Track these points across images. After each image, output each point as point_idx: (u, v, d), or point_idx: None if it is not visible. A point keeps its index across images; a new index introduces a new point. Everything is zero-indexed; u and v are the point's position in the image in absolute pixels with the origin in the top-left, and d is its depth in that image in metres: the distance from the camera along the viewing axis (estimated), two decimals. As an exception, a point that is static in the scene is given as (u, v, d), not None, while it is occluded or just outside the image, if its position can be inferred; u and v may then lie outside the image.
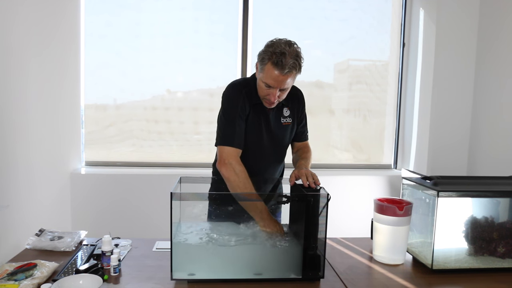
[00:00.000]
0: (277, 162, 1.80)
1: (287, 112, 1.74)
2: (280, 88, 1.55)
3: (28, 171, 2.08)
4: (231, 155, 1.59)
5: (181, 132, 3.03)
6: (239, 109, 1.62)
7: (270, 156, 1.75)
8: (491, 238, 1.55)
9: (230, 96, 1.66)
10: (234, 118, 1.62)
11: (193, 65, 2.99)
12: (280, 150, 1.79)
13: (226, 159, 1.59)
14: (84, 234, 1.76)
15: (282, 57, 1.48)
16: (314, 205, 1.37)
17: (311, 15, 3.08)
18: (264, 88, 1.57)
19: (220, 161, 1.61)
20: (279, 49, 1.49)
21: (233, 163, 1.58)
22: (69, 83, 2.69)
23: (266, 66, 1.53)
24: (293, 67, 1.51)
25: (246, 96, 1.64)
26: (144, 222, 2.78)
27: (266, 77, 1.54)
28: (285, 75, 1.51)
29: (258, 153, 1.71)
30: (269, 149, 1.73)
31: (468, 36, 2.93)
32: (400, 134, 3.26)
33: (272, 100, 1.59)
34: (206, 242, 1.46)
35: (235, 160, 1.59)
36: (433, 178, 1.56)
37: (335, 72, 3.20)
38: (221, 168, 1.60)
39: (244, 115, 1.64)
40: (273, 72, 1.51)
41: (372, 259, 1.62)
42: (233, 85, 1.70)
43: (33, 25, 2.14)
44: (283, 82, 1.53)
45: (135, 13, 2.92)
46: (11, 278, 1.32)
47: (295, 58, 1.50)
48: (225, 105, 1.67)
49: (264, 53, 1.54)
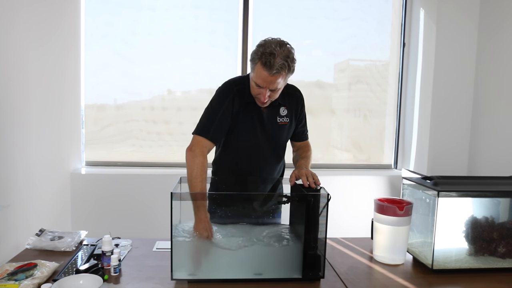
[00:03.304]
0: (274, 161, 1.79)
1: (284, 111, 1.73)
2: (269, 88, 1.55)
3: (28, 171, 2.08)
4: (200, 145, 1.61)
5: (181, 132, 3.03)
6: (225, 106, 1.64)
7: (266, 155, 1.75)
8: (491, 238, 1.55)
9: (220, 92, 1.69)
10: (217, 112, 1.63)
11: (193, 64, 2.99)
12: (277, 149, 1.78)
13: (193, 146, 1.62)
14: (84, 234, 1.76)
15: (271, 57, 1.48)
16: (314, 205, 1.37)
17: (312, 15, 3.08)
18: (255, 87, 1.58)
19: (189, 147, 1.63)
20: (269, 50, 1.49)
21: (197, 151, 1.60)
22: (69, 83, 2.69)
23: (256, 65, 1.53)
24: (282, 68, 1.50)
25: (237, 94, 1.65)
26: (144, 222, 2.78)
27: (256, 77, 1.54)
28: (273, 75, 1.50)
29: (253, 153, 1.72)
30: (264, 148, 1.73)
31: (468, 36, 2.92)
32: (400, 134, 3.26)
33: (262, 100, 1.59)
34: (206, 242, 1.46)
35: (200, 151, 1.60)
36: (433, 178, 1.56)
37: (336, 72, 3.20)
38: (186, 152, 1.62)
39: (229, 112, 1.64)
40: (262, 72, 1.51)
41: (372, 259, 1.62)
42: (228, 82, 1.72)
43: (33, 25, 2.14)
44: (272, 82, 1.53)
45: (135, 13, 2.92)
46: (11, 278, 1.32)
47: (284, 59, 1.49)
48: (213, 98, 1.69)
49: (255, 52, 1.54)
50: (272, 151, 1.76)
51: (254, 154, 1.72)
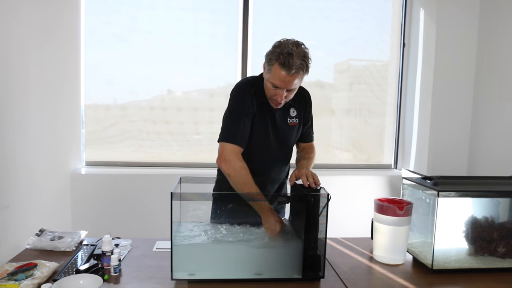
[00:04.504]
0: (283, 162, 1.79)
1: (293, 112, 1.73)
2: (287, 88, 1.55)
3: (28, 171, 2.08)
4: (232, 152, 1.58)
5: (181, 132, 3.03)
6: (246, 107, 1.61)
7: (276, 156, 1.74)
8: (491, 238, 1.55)
9: (239, 94, 1.66)
10: (240, 116, 1.60)
11: (194, 65, 2.99)
12: (286, 150, 1.78)
13: (227, 155, 1.57)
14: (84, 234, 1.76)
15: (289, 57, 1.48)
16: (314, 205, 1.37)
17: (311, 15, 3.08)
18: (271, 88, 1.57)
19: (221, 157, 1.59)
20: (286, 50, 1.48)
21: (233, 159, 1.56)
22: (69, 83, 2.69)
23: (273, 66, 1.52)
24: (300, 68, 1.50)
25: (254, 95, 1.63)
26: (144, 222, 2.78)
27: (273, 78, 1.53)
28: (292, 75, 1.50)
29: (264, 153, 1.71)
30: (275, 149, 1.72)
31: (468, 36, 2.92)
32: (400, 134, 3.26)
33: (279, 100, 1.58)
34: (206, 242, 1.46)
35: (235, 157, 1.57)
36: (433, 178, 1.56)
37: (335, 72, 3.20)
38: (221, 164, 1.59)
39: (250, 113, 1.63)
40: (280, 72, 1.50)
41: (372, 259, 1.62)
42: (243, 83, 1.70)
43: (33, 25, 2.14)
44: (290, 82, 1.53)
45: (135, 13, 2.92)
46: (11, 278, 1.32)
47: (302, 59, 1.49)
48: (233, 102, 1.66)
49: (272, 53, 1.53)
50: (282, 152, 1.76)
51: (264, 155, 1.71)
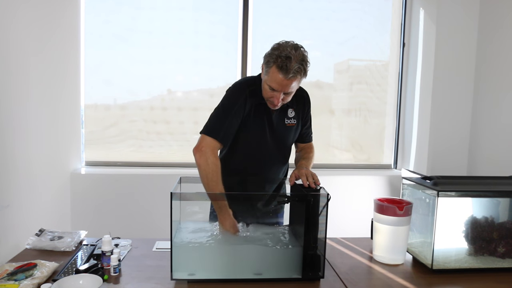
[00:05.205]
0: (280, 162, 1.79)
1: (291, 113, 1.73)
2: (284, 91, 1.54)
3: (28, 171, 2.08)
4: (210, 146, 1.57)
5: (181, 132, 3.03)
6: (237, 107, 1.61)
7: (273, 156, 1.74)
8: (491, 238, 1.55)
9: (233, 92, 1.66)
10: (228, 114, 1.61)
11: (194, 65, 2.99)
12: (284, 151, 1.78)
13: (204, 147, 1.57)
14: (84, 234, 1.76)
15: (287, 61, 1.47)
16: (314, 205, 1.37)
17: (311, 16, 3.08)
18: (268, 90, 1.56)
19: (197, 147, 1.58)
20: (284, 53, 1.48)
21: (208, 152, 1.56)
22: (69, 83, 2.69)
23: (271, 69, 1.51)
24: (298, 72, 1.49)
25: (249, 95, 1.63)
26: (144, 222, 2.78)
27: (271, 80, 1.53)
28: (289, 79, 1.50)
29: (261, 153, 1.71)
30: (272, 149, 1.72)
31: (468, 36, 2.93)
32: (400, 134, 3.26)
33: (275, 103, 1.58)
34: (206, 242, 1.46)
35: (211, 151, 1.57)
36: (433, 178, 1.56)
37: (335, 72, 3.20)
38: (195, 153, 1.57)
39: (240, 114, 1.62)
40: (277, 75, 1.50)
41: (372, 259, 1.62)
42: (240, 82, 1.70)
43: (33, 25, 2.14)
44: (287, 86, 1.52)
45: (135, 13, 2.92)
46: (11, 278, 1.32)
47: (300, 63, 1.49)
48: (225, 99, 1.66)
49: (270, 55, 1.52)
50: (279, 152, 1.76)
51: (261, 156, 1.71)
